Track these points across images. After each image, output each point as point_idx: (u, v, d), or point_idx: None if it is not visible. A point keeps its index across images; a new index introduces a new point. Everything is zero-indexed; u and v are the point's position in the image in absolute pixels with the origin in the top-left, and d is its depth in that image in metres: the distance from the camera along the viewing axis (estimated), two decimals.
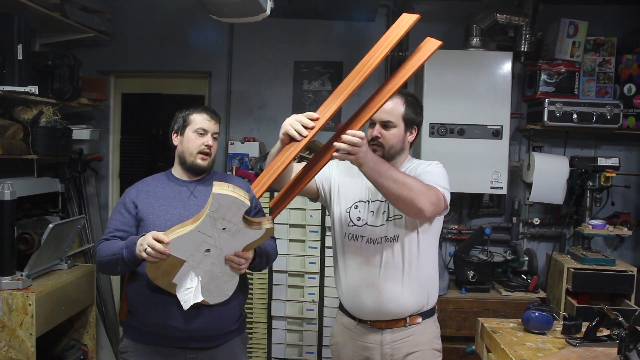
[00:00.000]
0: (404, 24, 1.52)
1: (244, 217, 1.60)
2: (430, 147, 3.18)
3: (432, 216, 1.75)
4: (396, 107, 1.85)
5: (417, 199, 1.64)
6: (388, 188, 1.63)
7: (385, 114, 1.83)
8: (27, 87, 2.59)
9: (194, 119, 1.93)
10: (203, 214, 1.58)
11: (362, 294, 1.86)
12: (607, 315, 1.87)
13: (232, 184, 1.59)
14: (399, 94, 1.89)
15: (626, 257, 3.47)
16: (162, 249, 1.61)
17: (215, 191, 1.54)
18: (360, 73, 1.54)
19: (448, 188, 1.80)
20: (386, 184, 1.62)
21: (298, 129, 1.54)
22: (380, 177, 1.62)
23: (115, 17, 3.58)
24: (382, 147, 1.84)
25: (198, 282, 1.70)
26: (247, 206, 1.57)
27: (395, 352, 1.86)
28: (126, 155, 3.89)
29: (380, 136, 1.84)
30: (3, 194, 2.44)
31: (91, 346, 3.07)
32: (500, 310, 3.00)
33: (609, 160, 3.06)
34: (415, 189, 1.64)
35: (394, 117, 1.84)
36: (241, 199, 1.54)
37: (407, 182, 1.64)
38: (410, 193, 1.63)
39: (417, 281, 1.84)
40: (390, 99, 1.85)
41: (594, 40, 3.30)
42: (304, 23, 3.60)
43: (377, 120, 1.85)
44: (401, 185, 1.63)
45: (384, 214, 1.85)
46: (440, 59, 3.19)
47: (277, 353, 3.15)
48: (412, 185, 1.65)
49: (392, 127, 1.84)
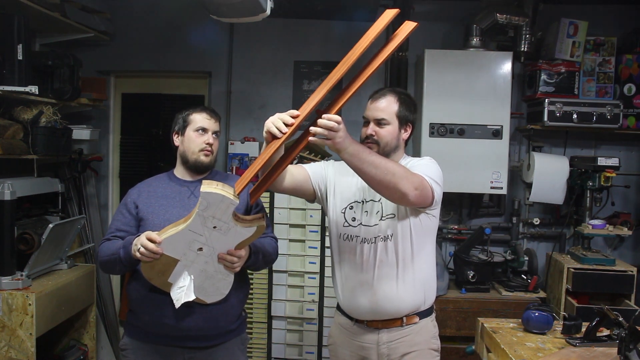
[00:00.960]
0: (385, 18, 1.52)
1: (234, 214, 1.60)
2: (430, 147, 3.18)
3: (417, 202, 1.70)
4: (389, 105, 1.86)
5: (400, 182, 1.62)
6: (370, 173, 1.61)
7: (379, 111, 1.85)
8: (27, 87, 2.59)
9: (193, 118, 1.94)
10: (193, 213, 1.59)
11: (358, 294, 1.86)
12: (607, 315, 1.87)
13: (234, 183, 1.59)
14: (392, 92, 1.90)
15: (626, 257, 3.47)
16: (154, 249, 1.62)
17: (203, 189, 1.54)
18: (340, 70, 1.53)
19: (438, 182, 1.78)
20: (367, 170, 1.60)
21: (279, 126, 1.52)
22: (362, 163, 1.60)
23: (115, 17, 3.57)
24: (377, 144, 1.84)
25: (191, 280, 1.70)
26: (235, 204, 1.56)
27: (392, 352, 1.86)
28: (126, 155, 3.89)
29: (374, 134, 1.84)
30: (3, 194, 2.43)
31: (91, 346, 3.07)
32: (500, 310, 2.99)
33: (609, 160, 3.06)
34: (398, 174, 1.63)
35: (387, 115, 1.85)
36: (229, 196, 1.54)
37: (389, 167, 1.62)
38: (393, 178, 1.61)
39: (413, 280, 1.84)
40: (382, 96, 1.87)
41: (594, 40, 3.30)
42: (304, 23, 3.60)
43: (371, 119, 1.86)
44: (383, 170, 1.61)
45: (377, 214, 1.85)
46: (440, 59, 3.19)
47: (277, 353, 3.15)
48: (394, 169, 1.63)
49: (386, 125, 1.84)
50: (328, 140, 1.53)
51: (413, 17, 3.48)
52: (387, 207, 1.84)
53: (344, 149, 1.56)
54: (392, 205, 1.82)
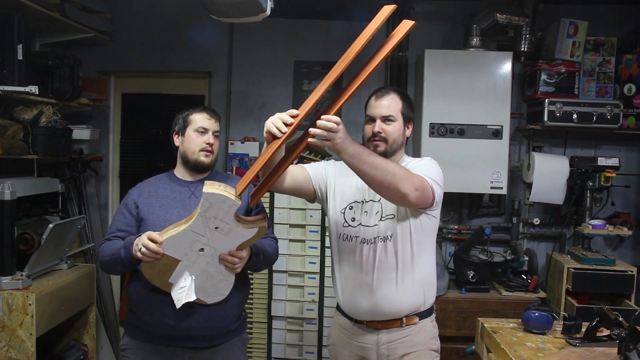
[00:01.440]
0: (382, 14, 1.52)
1: (236, 215, 1.60)
2: (430, 147, 3.18)
3: (417, 203, 1.70)
4: (394, 102, 1.87)
5: (400, 183, 1.62)
6: (370, 174, 1.60)
7: (385, 109, 1.86)
8: (27, 87, 2.59)
9: (193, 118, 1.94)
10: (195, 213, 1.59)
11: (357, 294, 1.86)
12: (607, 315, 1.87)
13: (234, 183, 1.59)
14: (394, 90, 1.92)
15: (626, 257, 3.47)
16: (155, 249, 1.62)
17: (205, 190, 1.54)
18: (339, 67, 1.53)
19: (438, 182, 1.78)
20: (367, 170, 1.60)
21: (278, 126, 1.52)
22: (362, 164, 1.59)
23: (115, 17, 3.57)
24: (385, 141, 1.84)
25: (192, 281, 1.70)
26: (237, 205, 1.56)
27: (392, 353, 1.86)
28: (126, 155, 3.89)
29: (382, 131, 1.84)
30: (3, 194, 2.43)
31: (91, 346, 3.07)
32: (500, 310, 2.99)
33: (609, 160, 3.06)
34: (398, 174, 1.62)
35: (393, 112, 1.86)
36: (232, 197, 1.54)
37: (389, 168, 1.62)
38: (394, 178, 1.61)
39: (412, 281, 1.84)
40: (386, 93, 1.88)
41: (594, 40, 3.30)
42: (304, 23, 3.60)
43: (378, 116, 1.86)
44: (383, 171, 1.60)
45: (377, 214, 1.85)
46: (440, 59, 3.19)
47: (277, 353, 3.15)
48: (395, 170, 1.63)
49: (393, 121, 1.86)
50: (327, 142, 1.53)
51: (413, 17, 3.49)
52: (387, 207, 1.83)
53: (344, 149, 1.56)
54: (392, 206, 1.82)
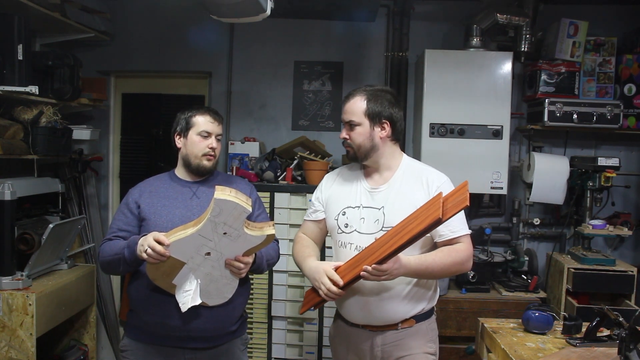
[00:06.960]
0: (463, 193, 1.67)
1: (245, 222, 1.61)
2: (430, 147, 3.18)
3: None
4: (356, 105, 1.81)
5: (464, 266, 1.78)
6: (437, 277, 1.81)
7: (348, 114, 1.83)
8: (27, 87, 2.58)
9: (197, 121, 1.92)
10: (204, 218, 1.58)
11: (352, 301, 1.84)
12: (607, 315, 1.87)
13: (236, 185, 1.60)
14: (360, 90, 1.85)
15: (626, 257, 3.47)
16: (162, 251, 1.61)
17: (217, 196, 1.54)
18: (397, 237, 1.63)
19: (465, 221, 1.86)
20: (434, 276, 1.80)
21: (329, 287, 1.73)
22: (425, 276, 1.77)
23: (115, 17, 3.57)
24: (352, 147, 1.84)
25: (197, 285, 1.70)
26: (248, 212, 1.57)
27: (386, 356, 1.84)
28: (126, 155, 3.89)
29: (347, 137, 1.84)
30: (3, 194, 2.43)
31: (91, 346, 3.07)
32: (501, 310, 2.99)
33: (609, 160, 3.05)
34: (459, 260, 1.76)
35: (355, 116, 1.81)
36: (243, 205, 1.55)
37: (447, 263, 1.74)
38: (461, 267, 1.77)
39: (409, 289, 1.81)
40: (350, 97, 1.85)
41: (594, 40, 3.30)
42: (304, 23, 3.59)
43: (344, 122, 1.85)
44: (447, 270, 1.76)
45: (376, 223, 1.80)
46: (440, 59, 3.19)
47: (277, 353, 3.15)
48: (455, 260, 1.75)
49: (356, 126, 1.81)
50: (382, 278, 1.66)
51: (413, 17, 3.49)
52: (391, 218, 1.76)
53: (404, 274, 1.70)
54: (397, 218, 1.70)
